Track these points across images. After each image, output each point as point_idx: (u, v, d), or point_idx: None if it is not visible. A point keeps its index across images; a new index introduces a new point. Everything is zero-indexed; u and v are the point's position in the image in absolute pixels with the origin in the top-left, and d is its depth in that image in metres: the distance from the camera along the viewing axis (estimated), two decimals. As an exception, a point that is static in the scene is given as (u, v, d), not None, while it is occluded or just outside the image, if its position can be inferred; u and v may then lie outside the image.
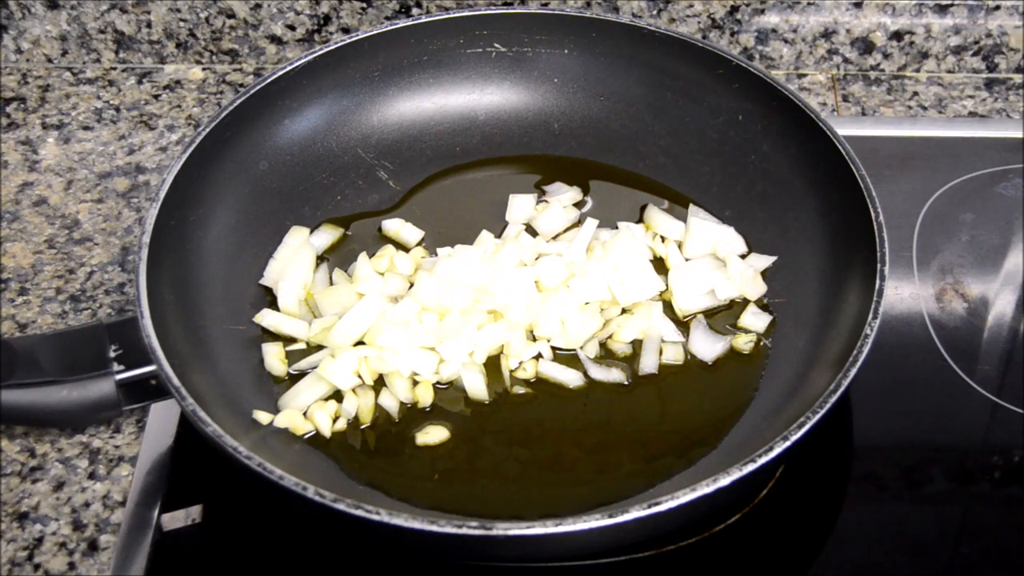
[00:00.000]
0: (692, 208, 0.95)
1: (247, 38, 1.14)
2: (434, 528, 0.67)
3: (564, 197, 0.96)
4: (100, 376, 0.79)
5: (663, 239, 0.93)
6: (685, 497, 0.68)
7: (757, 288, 0.89)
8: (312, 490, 0.68)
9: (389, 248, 0.92)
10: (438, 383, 0.85)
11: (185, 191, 0.86)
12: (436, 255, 0.92)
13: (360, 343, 0.85)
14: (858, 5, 1.09)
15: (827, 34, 1.11)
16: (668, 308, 0.89)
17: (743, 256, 0.91)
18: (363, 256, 0.91)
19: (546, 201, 0.96)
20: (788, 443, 0.70)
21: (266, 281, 0.91)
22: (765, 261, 0.91)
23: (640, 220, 0.95)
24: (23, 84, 1.14)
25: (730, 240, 0.92)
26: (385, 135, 0.99)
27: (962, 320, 0.91)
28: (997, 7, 1.09)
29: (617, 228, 0.93)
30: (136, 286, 0.78)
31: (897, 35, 1.11)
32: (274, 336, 0.87)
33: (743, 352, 0.86)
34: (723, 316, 0.89)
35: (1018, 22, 1.09)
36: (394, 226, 0.95)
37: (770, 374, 0.84)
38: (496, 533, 0.67)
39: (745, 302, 0.89)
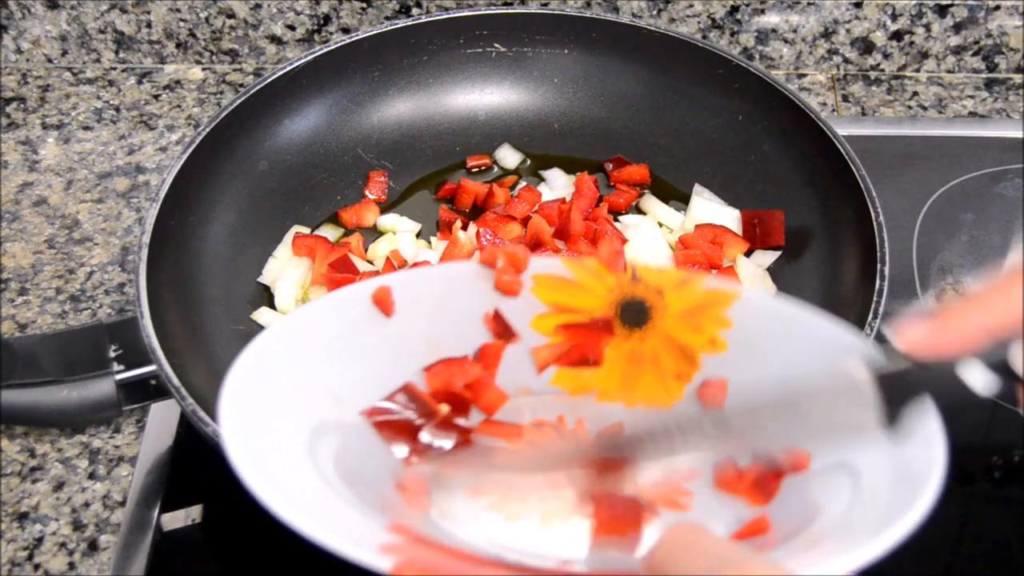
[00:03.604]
0: (697, 188, 0.95)
1: (247, 38, 1.14)
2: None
3: (560, 183, 0.97)
4: (100, 376, 0.79)
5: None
6: (685, 497, 0.68)
7: (767, 290, 0.89)
8: (312, 490, 0.68)
9: (388, 237, 0.93)
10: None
11: (185, 191, 0.86)
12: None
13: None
14: (858, 5, 1.09)
15: (827, 34, 1.11)
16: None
17: (746, 254, 0.91)
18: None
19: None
20: (788, 443, 0.70)
21: (264, 279, 0.91)
22: (769, 257, 0.90)
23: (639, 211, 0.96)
24: (23, 84, 1.14)
25: (730, 221, 0.92)
26: (385, 135, 1.00)
27: (962, 320, 0.91)
28: (997, 7, 1.09)
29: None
30: (136, 286, 0.78)
31: (897, 35, 1.11)
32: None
33: None
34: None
35: (1018, 22, 1.09)
36: (390, 221, 0.95)
37: (770, 374, 0.84)
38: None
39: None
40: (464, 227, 0.92)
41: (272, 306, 0.89)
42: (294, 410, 0.61)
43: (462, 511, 0.61)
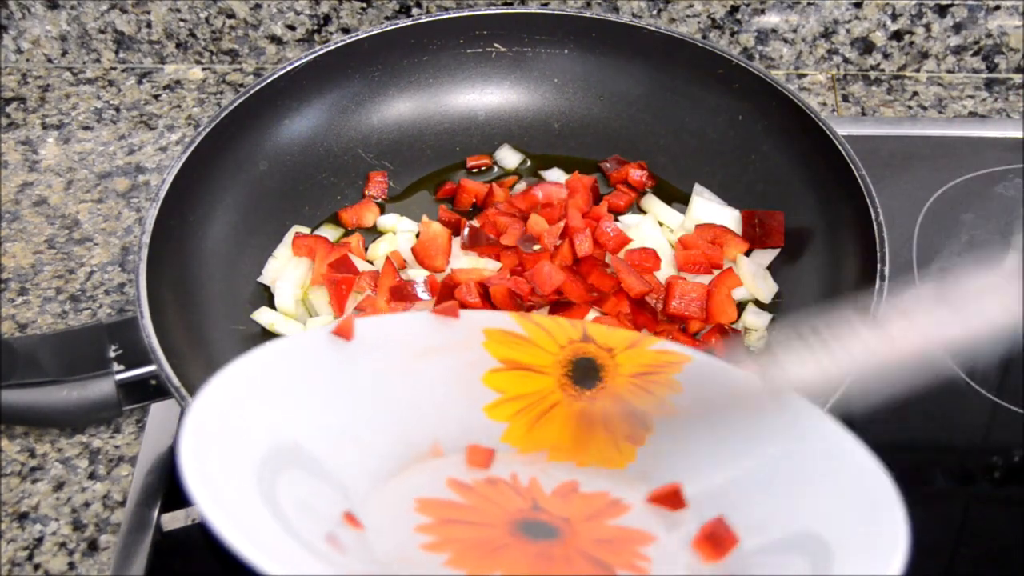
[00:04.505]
0: (697, 188, 0.95)
1: (247, 38, 1.14)
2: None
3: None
4: (100, 376, 0.79)
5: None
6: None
7: (768, 288, 0.89)
8: (312, 490, 0.68)
9: (388, 237, 0.93)
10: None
11: (185, 191, 0.86)
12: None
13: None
14: (858, 5, 1.09)
15: (827, 34, 1.11)
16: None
17: (746, 254, 0.91)
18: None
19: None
20: (788, 443, 0.70)
21: (264, 279, 0.91)
22: (769, 256, 0.90)
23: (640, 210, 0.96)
24: (23, 84, 1.14)
25: (730, 221, 0.92)
26: (385, 135, 1.00)
27: (962, 320, 0.91)
28: (997, 7, 1.09)
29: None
30: (136, 286, 0.79)
31: (897, 35, 1.11)
32: (274, 335, 0.87)
33: (753, 350, 0.86)
34: (723, 316, 0.89)
35: (1018, 22, 1.09)
36: (390, 221, 0.95)
37: (770, 374, 0.84)
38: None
39: (745, 302, 0.89)
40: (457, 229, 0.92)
41: (272, 306, 0.89)
42: (255, 454, 0.59)
43: (422, 567, 0.60)
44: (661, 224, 0.94)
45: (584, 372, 0.70)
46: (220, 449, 0.57)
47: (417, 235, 0.93)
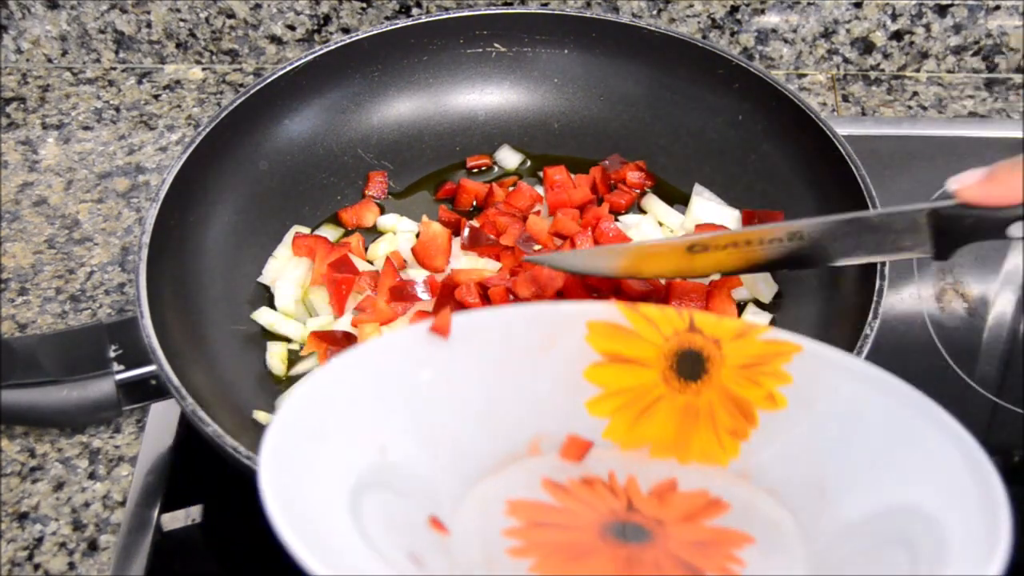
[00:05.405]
0: (697, 188, 0.95)
1: (247, 38, 1.14)
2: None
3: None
4: (100, 376, 0.79)
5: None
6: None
7: (768, 288, 0.89)
8: (312, 490, 0.68)
9: (388, 237, 0.93)
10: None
11: (185, 191, 0.86)
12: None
13: (360, 343, 0.85)
14: (858, 5, 1.09)
15: (827, 34, 1.11)
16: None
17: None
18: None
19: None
20: (788, 443, 0.70)
21: (264, 279, 0.91)
22: None
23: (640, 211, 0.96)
24: (23, 84, 1.14)
25: (730, 221, 0.92)
26: (385, 135, 1.00)
27: (962, 320, 0.91)
28: (997, 7, 1.09)
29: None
30: (136, 286, 0.79)
31: (897, 35, 1.11)
32: (274, 335, 0.87)
33: None
34: (723, 316, 0.89)
35: (1018, 22, 1.09)
36: (390, 221, 0.95)
37: (770, 374, 0.84)
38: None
39: (745, 302, 0.89)
40: (457, 229, 0.92)
41: (272, 306, 0.89)
42: (339, 462, 0.58)
43: (505, 573, 0.58)
44: (661, 224, 0.94)
45: (690, 364, 0.67)
46: (303, 472, 0.56)
47: (417, 235, 0.93)
